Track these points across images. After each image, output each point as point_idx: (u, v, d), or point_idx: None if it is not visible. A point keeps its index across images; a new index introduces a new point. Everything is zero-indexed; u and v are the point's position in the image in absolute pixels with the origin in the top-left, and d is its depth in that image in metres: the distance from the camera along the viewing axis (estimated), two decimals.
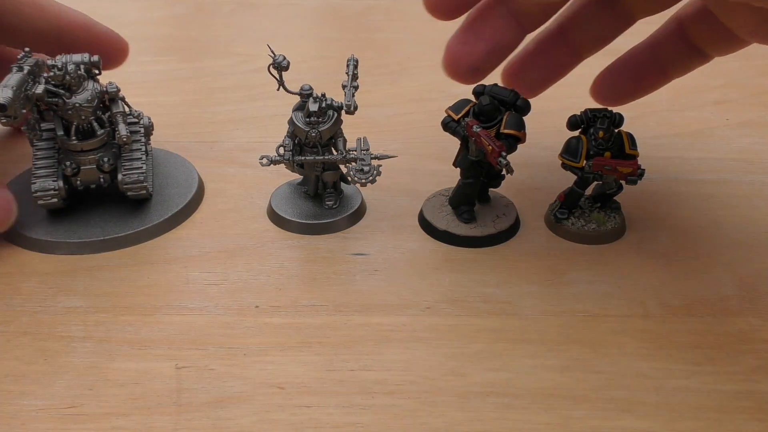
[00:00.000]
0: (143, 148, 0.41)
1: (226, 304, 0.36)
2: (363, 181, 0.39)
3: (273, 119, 0.53)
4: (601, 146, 0.38)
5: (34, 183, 0.40)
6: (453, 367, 0.32)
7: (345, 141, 0.41)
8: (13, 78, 0.36)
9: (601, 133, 0.38)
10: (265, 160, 0.40)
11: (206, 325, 0.34)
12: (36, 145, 0.41)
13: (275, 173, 0.44)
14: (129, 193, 0.41)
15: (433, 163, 0.47)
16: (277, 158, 0.40)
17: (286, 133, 0.40)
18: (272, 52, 0.37)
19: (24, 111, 0.36)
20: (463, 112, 0.38)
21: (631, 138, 0.39)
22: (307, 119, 0.39)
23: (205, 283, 0.37)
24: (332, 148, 0.41)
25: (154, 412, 0.30)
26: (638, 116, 0.53)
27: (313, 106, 0.39)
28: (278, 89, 0.39)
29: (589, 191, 0.41)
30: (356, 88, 0.39)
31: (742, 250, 0.40)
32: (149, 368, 0.32)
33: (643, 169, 0.38)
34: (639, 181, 0.38)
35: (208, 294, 0.36)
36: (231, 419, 0.30)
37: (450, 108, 0.39)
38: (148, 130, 0.44)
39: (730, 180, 0.46)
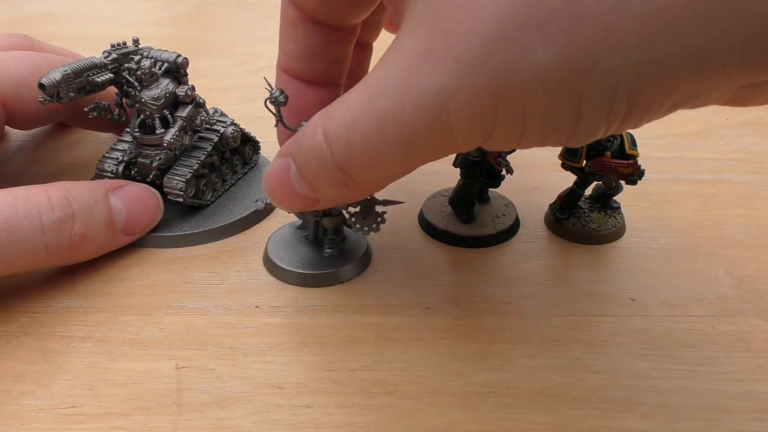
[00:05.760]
0: (202, 157, 0.41)
1: (226, 304, 0.36)
2: (366, 229, 0.34)
3: (272, 120, 0.53)
4: (600, 146, 0.38)
5: (99, 162, 0.41)
6: (453, 367, 0.32)
7: None
8: (76, 63, 0.37)
9: None
10: (259, 203, 0.37)
11: (206, 325, 0.34)
12: (125, 130, 0.42)
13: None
14: (168, 197, 0.40)
15: (433, 163, 0.47)
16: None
17: None
18: (269, 85, 0.33)
19: (73, 95, 0.37)
20: None
21: (631, 138, 0.39)
22: None
23: (205, 283, 0.37)
24: None
25: (154, 412, 0.30)
26: None
27: None
28: (276, 125, 0.35)
29: (589, 191, 0.41)
30: None
31: (742, 250, 0.40)
32: (149, 368, 0.32)
33: (643, 169, 0.38)
34: (639, 181, 0.38)
35: (208, 294, 0.36)
36: (231, 419, 0.30)
37: None
38: (227, 141, 0.43)
39: (730, 180, 0.46)
